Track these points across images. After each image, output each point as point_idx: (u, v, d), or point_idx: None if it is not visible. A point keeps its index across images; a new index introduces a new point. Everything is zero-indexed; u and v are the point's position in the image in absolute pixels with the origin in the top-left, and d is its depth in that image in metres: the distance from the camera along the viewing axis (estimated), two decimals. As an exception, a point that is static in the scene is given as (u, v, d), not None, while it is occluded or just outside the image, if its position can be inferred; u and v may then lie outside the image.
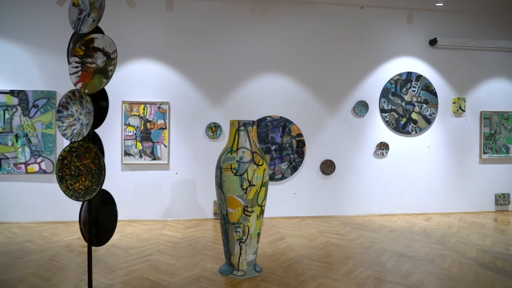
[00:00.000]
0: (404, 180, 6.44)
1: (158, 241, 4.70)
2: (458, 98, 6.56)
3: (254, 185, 3.48)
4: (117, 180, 5.71)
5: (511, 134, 6.75)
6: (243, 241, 3.52)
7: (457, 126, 6.61)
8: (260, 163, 3.53)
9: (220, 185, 3.55)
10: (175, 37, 5.88)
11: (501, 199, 6.68)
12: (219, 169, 3.57)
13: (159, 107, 5.80)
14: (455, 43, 6.46)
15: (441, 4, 5.90)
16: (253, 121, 3.64)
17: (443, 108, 6.56)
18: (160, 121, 5.81)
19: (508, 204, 6.73)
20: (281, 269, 3.74)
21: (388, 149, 6.36)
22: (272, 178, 6.03)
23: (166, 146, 5.82)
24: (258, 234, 3.63)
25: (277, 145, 6.06)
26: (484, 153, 6.66)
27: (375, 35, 6.38)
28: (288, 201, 6.14)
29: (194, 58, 5.93)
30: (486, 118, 6.66)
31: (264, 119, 6.03)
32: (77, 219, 4.66)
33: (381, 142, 6.33)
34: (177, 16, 5.88)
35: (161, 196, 5.86)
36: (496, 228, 5.53)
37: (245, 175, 3.44)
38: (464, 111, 6.59)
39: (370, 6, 6.28)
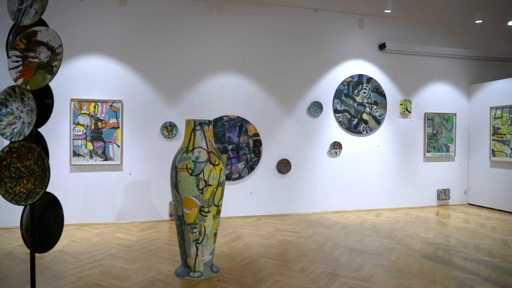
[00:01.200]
0: (356, 178, 6.72)
1: (111, 245, 4.51)
2: (405, 100, 6.96)
3: (210, 185, 3.45)
4: (66, 182, 5.41)
5: (451, 134, 7.28)
6: (199, 241, 3.48)
7: (404, 126, 7.01)
8: (216, 163, 3.51)
9: (175, 185, 3.48)
10: (129, 33, 5.68)
11: (442, 194, 7.19)
12: (175, 169, 3.50)
13: (111, 106, 5.57)
14: (401, 48, 6.85)
15: (389, 11, 6.22)
16: (209, 121, 3.61)
17: (391, 109, 6.93)
18: (113, 120, 5.59)
19: (448, 199, 7.25)
20: (238, 269, 3.75)
21: (341, 148, 6.60)
22: (229, 177, 6.02)
23: (119, 146, 5.60)
24: (215, 234, 3.61)
25: (234, 145, 6.06)
26: (428, 151, 7.13)
27: (329, 38, 6.59)
28: (245, 200, 6.16)
29: (149, 55, 5.76)
30: (429, 119, 7.13)
31: (220, 118, 6.01)
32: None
33: (335, 142, 6.56)
34: (131, 12, 5.68)
35: (113, 198, 5.63)
36: (438, 221, 5.93)
37: (201, 175, 3.41)
38: (410, 112, 7.00)
39: (324, 10, 6.48)
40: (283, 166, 6.30)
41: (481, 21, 6.74)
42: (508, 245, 4.61)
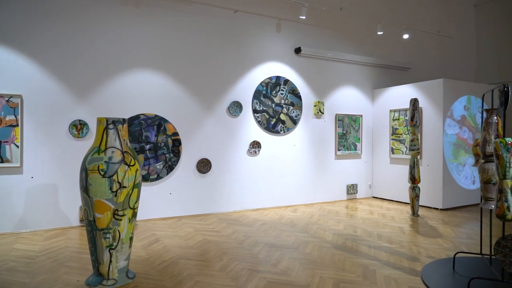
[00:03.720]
0: (274, 176, 6.98)
1: (8, 257, 4.00)
2: (318, 101, 7.43)
3: (125, 187, 3.27)
4: None
5: (358, 133, 7.98)
6: (113, 247, 3.28)
7: (317, 126, 7.49)
8: (131, 164, 3.34)
9: (85, 188, 3.23)
10: (29, 19, 5.09)
11: (351, 189, 7.85)
12: (84, 171, 3.24)
13: (8, 101, 4.95)
14: (315, 53, 7.30)
15: (304, 17, 6.58)
16: (123, 119, 3.42)
17: (306, 110, 7.34)
18: (10, 117, 4.97)
19: (356, 193, 7.95)
20: (156, 272, 3.62)
21: (260, 147, 6.79)
22: (146, 178, 5.78)
23: (18, 146, 5.00)
24: (131, 239, 3.44)
25: (152, 144, 5.84)
26: (338, 150, 7.72)
27: (248, 39, 6.73)
28: (164, 201, 5.97)
29: (54, 46, 5.24)
30: (339, 120, 7.72)
31: (137, 117, 5.73)
32: None
33: (254, 141, 6.72)
34: (32, -3, 5.11)
35: (11, 205, 5.01)
36: (347, 214, 6.46)
37: (114, 177, 3.21)
38: (323, 113, 7.50)
39: (243, 12, 6.59)
40: (203, 166, 6.26)
41: (382, 32, 7.51)
42: (404, 232, 5.22)
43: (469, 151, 7.10)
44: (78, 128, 5.36)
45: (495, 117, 3.45)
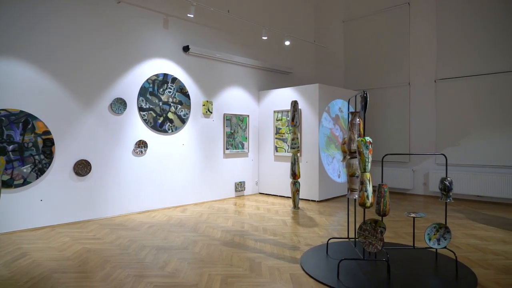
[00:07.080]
0: (163, 176, 6.77)
1: None
2: (207, 101, 7.49)
3: (-21, 196, 2.76)
4: None
5: (245, 133, 8.31)
6: (-38, 268, 2.74)
7: (206, 125, 7.54)
8: (-12, 168, 2.84)
9: None
10: None
11: (239, 186, 8.13)
12: None
13: None
14: (204, 53, 7.34)
15: (192, 16, 6.55)
16: (-24, 115, 2.88)
17: (195, 109, 7.32)
18: None
19: (244, 190, 8.27)
20: (22, 292, 3.16)
21: (147, 147, 6.51)
22: (9, 184, 4.98)
23: None
24: (-13, 256, 2.92)
25: (16, 145, 5.06)
26: (227, 149, 7.91)
27: (133, 34, 6.38)
28: (33, 210, 5.24)
29: None
30: (228, 119, 7.92)
31: (-4, 113, 4.90)
32: None
33: (140, 140, 6.41)
34: None
35: None
36: (236, 211, 6.68)
37: (-36, 184, 2.69)
38: (211, 113, 7.59)
39: (127, 3, 6.22)
40: (82, 168, 5.70)
41: (266, 37, 7.97)
42: (286, 224, 5.65)
43: (339, 147, 8.07)
44: None
45: (358, 119, 4.00)
